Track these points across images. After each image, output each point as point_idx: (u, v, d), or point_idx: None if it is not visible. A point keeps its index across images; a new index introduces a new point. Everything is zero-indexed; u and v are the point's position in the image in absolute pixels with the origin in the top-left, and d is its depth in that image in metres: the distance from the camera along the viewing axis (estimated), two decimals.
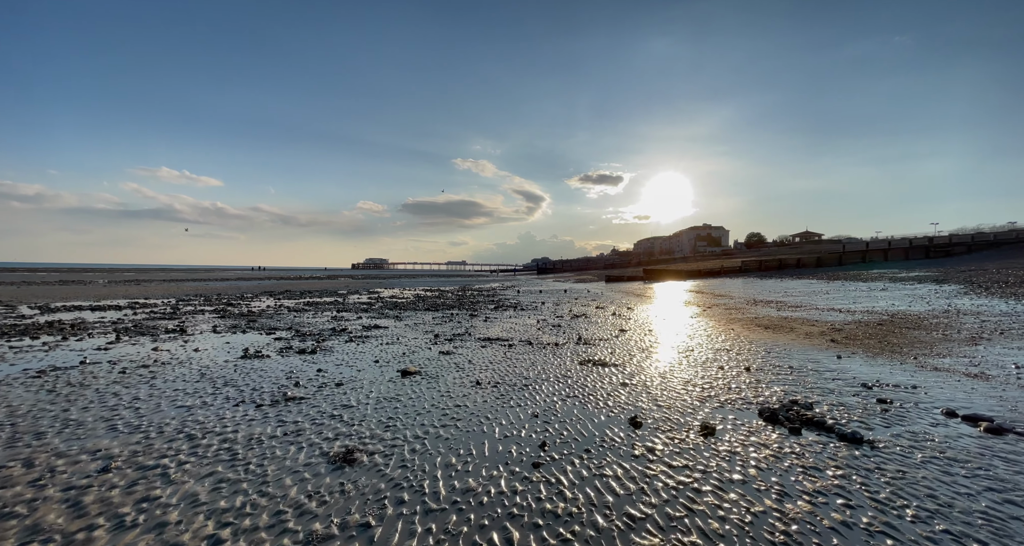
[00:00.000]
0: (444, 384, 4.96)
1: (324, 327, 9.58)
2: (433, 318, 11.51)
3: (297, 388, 4.73)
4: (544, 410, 4.05)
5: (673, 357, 6.36)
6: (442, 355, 6.63)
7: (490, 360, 6.27)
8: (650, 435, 3.46)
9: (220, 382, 4.96)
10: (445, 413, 3.94)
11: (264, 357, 6.39)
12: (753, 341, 7.60)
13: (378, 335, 8.54)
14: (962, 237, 35.49)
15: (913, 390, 4.55)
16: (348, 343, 7.63)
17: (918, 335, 7.59)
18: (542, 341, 7.86)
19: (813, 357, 6.22)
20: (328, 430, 3.50)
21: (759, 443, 3.30)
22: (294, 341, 7.77)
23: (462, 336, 8.46)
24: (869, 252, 35.93)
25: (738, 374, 5.36)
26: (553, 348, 7.20)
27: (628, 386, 4.85)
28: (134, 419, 3.72)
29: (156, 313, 12.17)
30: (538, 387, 4.83)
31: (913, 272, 24.41)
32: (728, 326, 9.48)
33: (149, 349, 6.92)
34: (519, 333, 8.86)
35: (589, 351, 6.92)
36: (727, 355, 6.47)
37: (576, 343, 7.64)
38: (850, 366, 5.64)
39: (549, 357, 6.48)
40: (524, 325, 10.12)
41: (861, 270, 28.79)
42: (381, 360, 6.23)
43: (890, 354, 6.26)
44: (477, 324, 10.31)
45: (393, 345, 7.47)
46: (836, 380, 4.98)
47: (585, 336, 8.38)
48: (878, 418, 3.77)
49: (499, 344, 7.58)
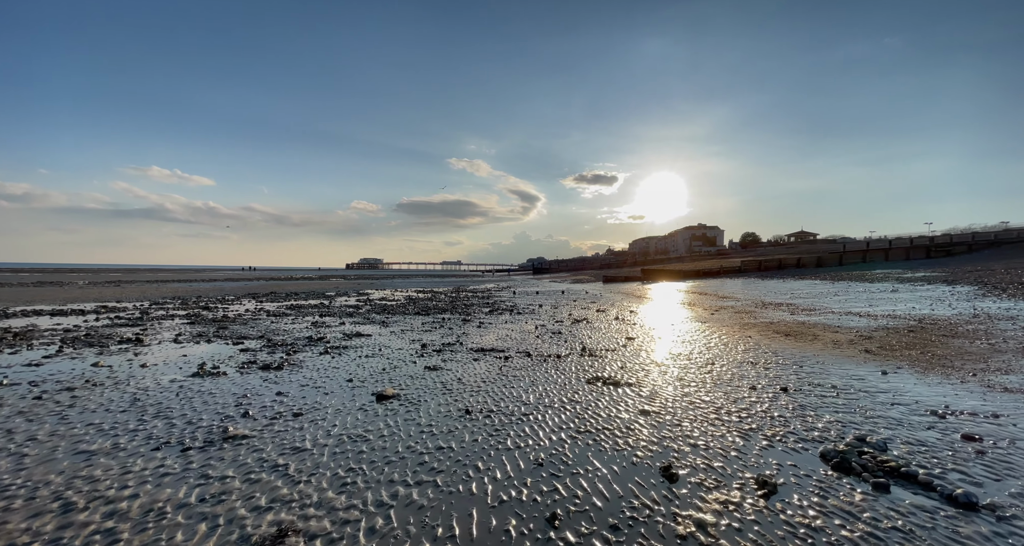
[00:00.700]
0: (426, 413, 4.09)
1: (300, 335, 8.67)
2: (423, 324, 10.62)
3: (244, 421, 3.84)
4: (550, 454, 3.19)
5: (694, 373, 5.53)
6: (428, 371, 5.75)
7: (483, 378, 5.41)
8: (692, 495, 2.61)
9: (151, 412, 4.05)
10: (423, 461, 3.07)
11: (219, 375, 5.48)
12: (777, 351, 6.79)
13: (359, 345, 7.64)
14: (963, 236, 35.08)
15: (997, 420, 3.74)
16: (323, 355, 6.73)
17: (961, 345, 6.81)
18: (542, 352, 7.01)
19: (854, 372, 5.41)
20: (263, 493, 2.61)
21: (841, 509, 2.47)
22: (261, 353, 6.86)
23: (452, 346, 7.59)
24: (870, 252, 35.41)
25: (775, 396, 4.53)
26: (555, 361, 6.35)
27: (650, 415, 4.00)
28: (6, 476, 2.81)
29: (120, 319, 11.19)
30: (541, 417, 3.98)
31: (918, 272, 23.82)
32: (743, 333, 8.68)
33: (88, 365, 5.98)
34: (516, 342, 8.00)
35: (596, 365, 6.07)
36: (754, 370, 5.65)
37: (580, 355, 6.79)
38: (903, 385, 4.83)
39: (551, 373, 5.63)
40: (521, 332, 9.26)
41: (864, 270, 28.20)
42: (356, 379, 5.34)
43: (942, 369, 5.46)
44: (470, 331, 9.43)
45: (373, 358, 6.58)
46: (896, 405, 4.17)
47: (589, 345, 7.53)
48: (978, 466, 2.95)
49: (493, 356, 6.72)
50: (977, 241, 33.76)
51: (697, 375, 5.44)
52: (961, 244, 33.98)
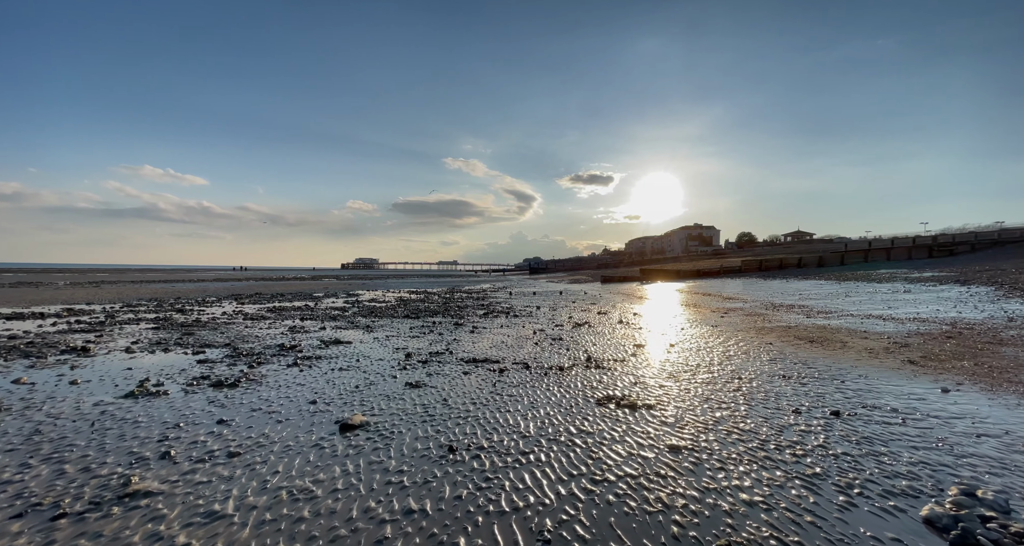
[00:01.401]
0: (399, 451, 3.24)
1: (272, 343, 7.78)
2: (411, 328, 9.76)
3: (161, 465, 2.97)
4: (559, 521, 2.35)
5: (721, 390, 4.71)
6: (409, 389, 4.89)
7: (473, 398, 4.56)
8: None
9: (44, 452, 3.17)
10: (383, 538, 2.22)
11: (158, 396, 4.60)
12: (807, 362, 5.99)
13: (335, 355, 6.77)
14: (965, 236, 34.60)
15: None
16: (290, 368, 5.86)
17: (1016, 354, 6.03)
18: (542, 363, 6.17)
19: (909, 390, 4.61)
20: None
21: None
22: (220, 366, 5.98)
23: (441, 356, 6.73)
24: (872, 251, 34.87)
25: (827, 423, 3.72)
26: (557, 375, 5.51)
27: (681, 453, 3.18)
28: None
29: (80, 323, 10.24)
30: (544, 458, 3.13)
31: (925, 272, 23.19)
32: (762, 338, 7.88)
33: (8, 382, 5.08)
34: (512, 350, 7.16)
35: (605, 380, 5.24)
36: (789, 386, 4.84)
37: (586, 366, 5.95)
38: (975, 407, 4.03)
39: (553, 391, 4.79)
40: (518, 337, 8.42)
41: (868, 270, 27.58)
42: (322, 400, 4.48)
43: (1011, 386, 4.67)
44: (462, 337, 8.58)
45: (348, 371, 5.71)
46: (985, 438, 3.36)
47: (595, 354, 6.70)
48: None
49: (487, 368, 5.87)
50: (980, 240, 33.26)
51: (725, 393, 4.62)
52: (964, 243, 33.48)
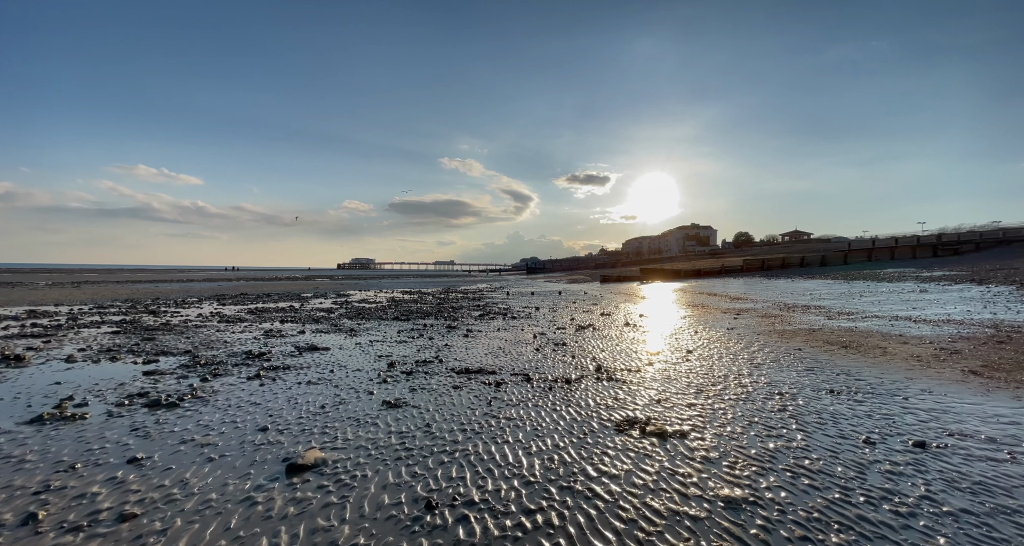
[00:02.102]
0: (357, 512, 2.38)
1: (240, 349, 6.90)
2: (399, 332, 8.89)
3: (14, 537, 2.11)
4: None
5: (762, 410, 3.88)
6: (385, 410, 4.04)
7: (463, 423, 3.71)
8: None
9: None
10: None
11: (74, 420, 3.72)
12: (851, 372, 5.18)
13: (307, 364, 5.91)
14: (970, 235, 34.09)
15: None
16: (251, 381, 4.99)
17: None
18: (545, 374, 5.33)
19: (991, 410, 3.80)
20: None
21: None
22: (168, 379, 5.10)
23: (429, 365, 5.88)
24: (875, 250, 34.28)
25: (916, 461, 2.90)
26: (563, 389, 4.67)
27: (741, 509, 2.34)
28: None
29: (36, 327, 9.31)
30: (557, 523, 2.29)
31: (936, 271, 22.53)
32: (787, 343, 7.08)
33: None
34: (510, 357, 6.32)
35: (621, 396, 4.41)
36: (844, 404, 4.03)
37: (596, 378, 5.12)
38: None
39: (561, 412, 3.95)
40: (517, 342, 7.58)
41: (874, 269, 26.92)
42: (275, 426, 3.62)
43: None
44: (454, 342, 7.73)
45: (318, 386, 4.85)
46: None
47: (605, 363, 5.87)
48: None
49: (481, 381, 5.03)
50: (985, 240, 32.72)
51: (769, 414, 3.79)
52: (968, 243, 32.94)
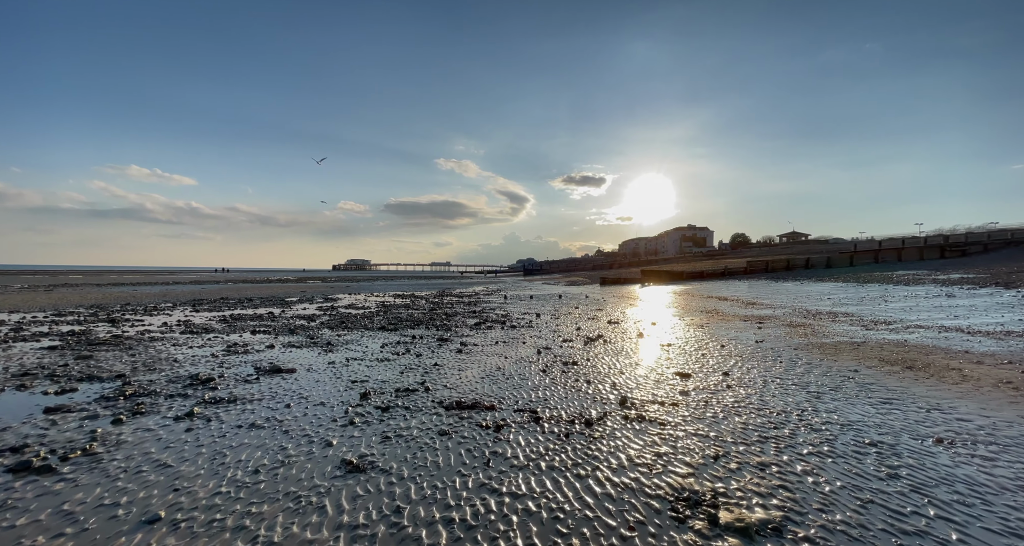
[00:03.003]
0: None
1: (185, 372, 5.74)
2: (383, 346, 7.75)
3: None
4: None
5: (870, 479, 2.79)
6: (343, 476, 2.91)
7: (449, 506, 2.59)
8: None
9: None
10: None
11: None
12: (941, 406, 4.11)
13: (261, 394, 4.76)
14: (978, 235, 33.39)
15: None
16: (178, 422, 3.85)
17: None
18: (557, 409, 4.22)
19: None
20: None
21: None
22: (75, 418, 3.93)
23: (412, 395, 4.75)
24: (882, 252, 33.47)
25: None
26: (584, 436, 3.56)
27: None
28: None
29: None
30: None
31: (950, 273, 21.63)
32: (835, 361, 6.00)
33: None
34: (512, 382, 5.20)
35: (664, 450, 3.30)
36: (973, 466, 2.95)
37: (624, 416, 4.00)
38: None
39: (588, 481, 2.84)
40: (519, 360, 6.46)
41: (884, 271, 26.03)
42: (171, 513, 2.48)
43: None
44: (446, 360, 6.60)
45: (262, 431, 3.71)
46: None
47: (629, 391, 4.75)
48: None
49: (476, 421, 3.91)
50: (993, 240, 32.00)
51: (881, 485, 2.70)
52: (976, 244, 32.21)
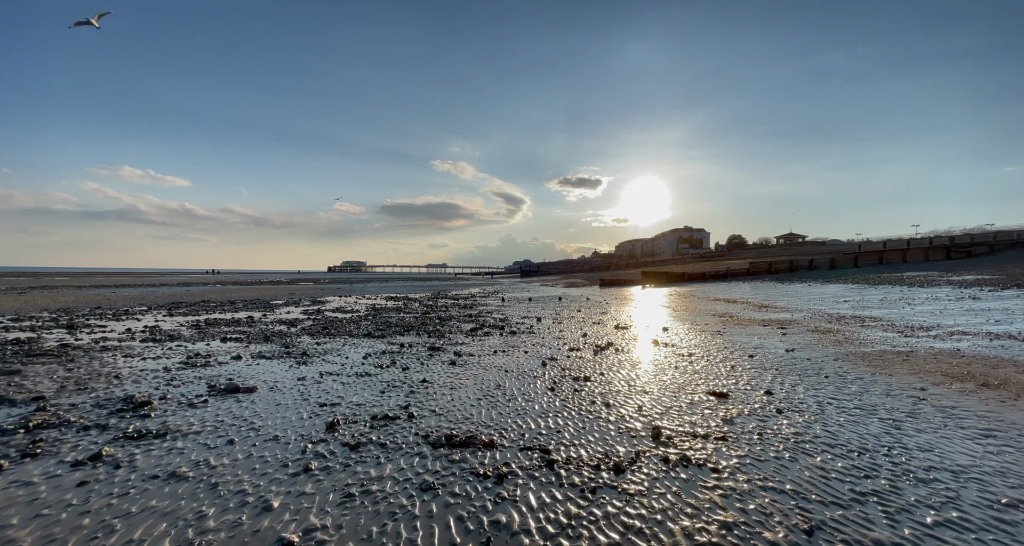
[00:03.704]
0: None
1: (120, 393, 4.76)
2: (365, 357, 6.80)
3: None
4: None
5: None
6: None
7: None
8: None
9: None
10: None
11: None
12: None
13: (202, 424, 3.80)
14: (983, 237, 32.90)
15: None
16: (73, 471, 2.90)
17: None
18: (574, 447, 3.29)
19: None
20: None
21: None
22: None
23: (391, 425, 3.81)
24: (887, 252, 32.82)
25: None
26: (616, 492, 2.63)
27: None
28: None
29: None
30: None
31: (963, 274, 20.91)
32: (887, 375, 5.11)
33: None
34: (515, 406, 4.27)
35: (727, 518, 2.38)
36: None
37: (661, 456, 3.08)
38: None
39: None
40: (521, 375, 5.53)
41: (893, 273, 25.30)
42: None
43: None
44: (436, 374, 5.66)
45: (180, 486, 2.76)
46: None
47: (659, 418, 3.83)
48: None
49: (471, 468, 2.97)
50: (999, 242, 31.44)
51: None
52: (982, 245, 31.63)
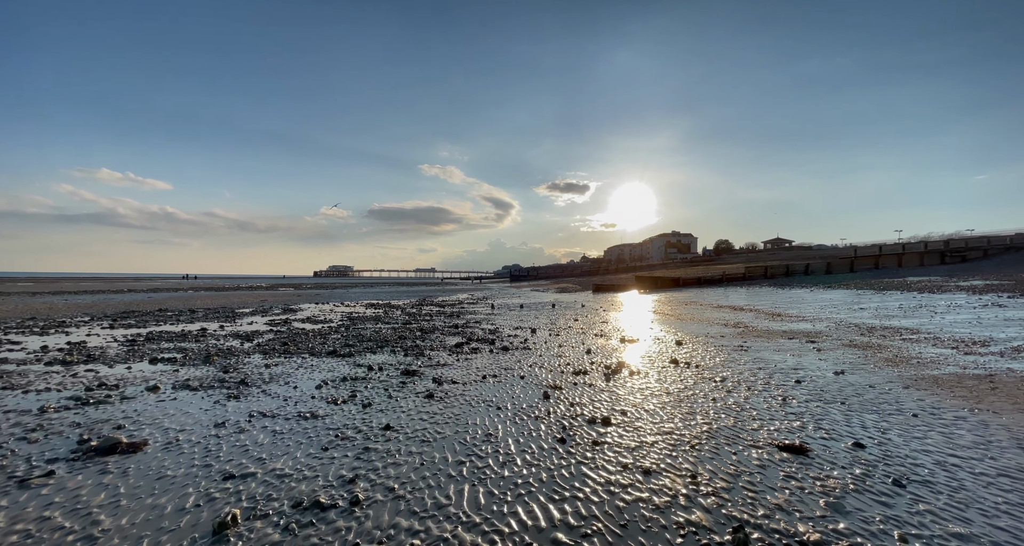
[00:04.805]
0: None
1: None
2: (319, 388, 5.39)
3: None
4: None
5: None
6: None
7: None
8: None
9: None
10: None
11: None
12: None
13: (7, 526, 2.39)
14: (977, 241, 32.76)
15: None
16: None
17: None
18: None
19: None
20: None
21: None
22: None
23: (323, 518, 2.44)
24: (882, 257, 32.39)
25: None
26: None
27: None
28: None
29: None
30: None
31: (969, 280, 20.23)
32: (991, 412, 3.92)
33: None
34: (515, 478, 2.93)
35: None
36: None
37: None
38: None
39: None
40: (517, 416, 4.20)
41: (893, 277, 24.65)
42: None
43: None
44: (405, 416, 4.29)
45: None
46: None
47: (730, 498, 2.55)
48: None
49: None
50: (992, 246, 31.29)
51: None
52: (976, 250, 31.45)
